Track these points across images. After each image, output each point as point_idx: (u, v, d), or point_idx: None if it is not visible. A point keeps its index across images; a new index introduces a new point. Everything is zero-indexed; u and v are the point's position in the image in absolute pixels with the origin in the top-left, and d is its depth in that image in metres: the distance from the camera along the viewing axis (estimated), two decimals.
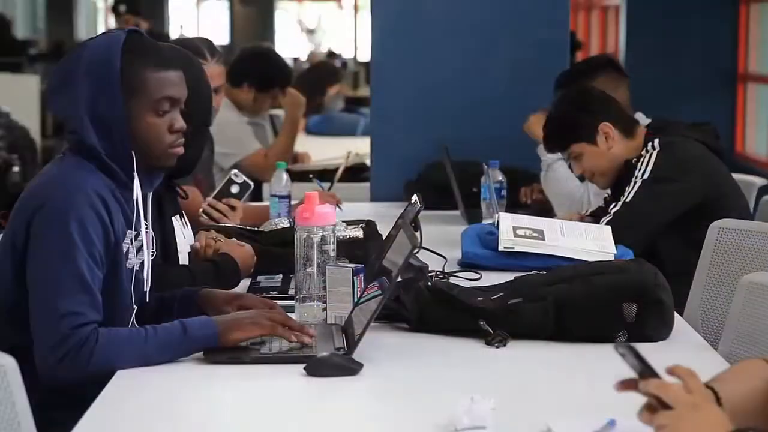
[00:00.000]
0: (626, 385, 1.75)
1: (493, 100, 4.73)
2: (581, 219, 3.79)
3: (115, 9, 9.85)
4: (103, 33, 2.58)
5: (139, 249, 2.53)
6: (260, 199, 4.99)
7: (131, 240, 2.50)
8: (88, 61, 2.46)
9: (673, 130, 3.76)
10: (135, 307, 2.53)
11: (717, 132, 3.83)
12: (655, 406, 1.72)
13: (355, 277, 2.68)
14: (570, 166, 4.05)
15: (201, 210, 3.67)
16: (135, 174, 2.48)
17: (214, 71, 3.93)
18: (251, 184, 3.84)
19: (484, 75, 4.74)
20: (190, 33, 22.21)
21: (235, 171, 3.85)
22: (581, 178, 4.28)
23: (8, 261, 2.44)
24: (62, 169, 2.47)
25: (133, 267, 2.52)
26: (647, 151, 3.68)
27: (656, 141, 3.68)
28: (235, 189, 3.77)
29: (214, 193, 3.78)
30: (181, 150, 2.56)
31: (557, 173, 4.26)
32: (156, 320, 2.47)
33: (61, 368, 2.32)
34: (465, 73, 4.74)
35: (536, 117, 4.34)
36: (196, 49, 3.89)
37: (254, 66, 5.52)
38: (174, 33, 22.34)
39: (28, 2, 25.29)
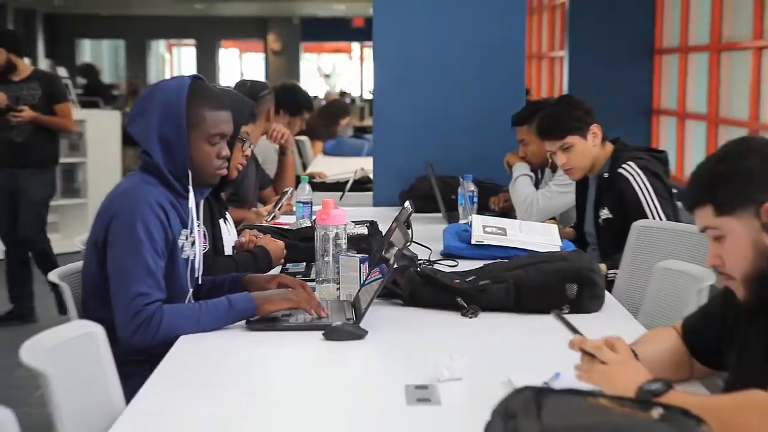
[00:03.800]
0: (574, 344, 1.78)
1: (467, 129, 4.72)
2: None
3: None
4: (173, 77, 2.56)
5: (193, 244, 2.53)
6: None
7: (186, 237, 2.50)
8: (161, 98, 2.45)
9: (632, 154, 3.52)
10: (191, 288, 2.53)
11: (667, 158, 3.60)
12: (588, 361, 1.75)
13: (361, 265, 2.67)
14: (543, 171, 4.02)
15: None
16: (191, 187, 2.48)
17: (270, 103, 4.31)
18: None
19: (460, 110, 4.73)
20: (234, 79, 22.17)
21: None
22: (536, 185, 4.28)
23: (93, 256, 2.44)
24: (131, 184, 2.46)
25: (188, 257, 2.51)
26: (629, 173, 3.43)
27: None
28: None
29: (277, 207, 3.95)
30: (224, 171, 2.56)
31: (519, 185, 4.23)
32: (209, 298, 2.46)
33: (135, 337, 2.32)
34: (446, 109, 4.73)
35: (511, 153, 4.35)
36: (263, 86, 4.31)
37: (286, 96, 5.54)
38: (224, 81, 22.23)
39: (112, 54, 25.22)
